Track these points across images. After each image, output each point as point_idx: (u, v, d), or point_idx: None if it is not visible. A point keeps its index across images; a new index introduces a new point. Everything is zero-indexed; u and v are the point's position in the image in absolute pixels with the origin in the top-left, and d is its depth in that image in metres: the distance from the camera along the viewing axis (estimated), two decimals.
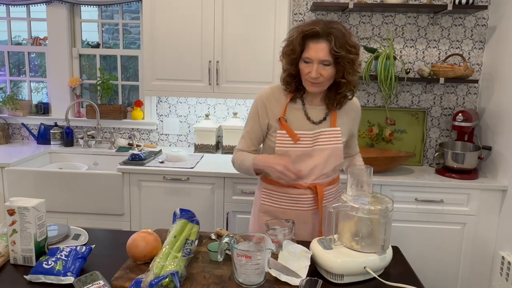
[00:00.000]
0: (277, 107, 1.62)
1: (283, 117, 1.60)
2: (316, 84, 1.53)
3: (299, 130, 1.59)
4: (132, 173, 2.53)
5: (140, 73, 3.16)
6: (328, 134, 1.60)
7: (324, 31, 1.46)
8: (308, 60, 1.49)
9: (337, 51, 1.45)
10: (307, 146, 1.59)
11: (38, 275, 1.18)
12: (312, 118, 1.62)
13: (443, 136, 2.90)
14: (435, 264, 2.52)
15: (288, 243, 1.32)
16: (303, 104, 1.63)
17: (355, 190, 1.31)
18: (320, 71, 1.48)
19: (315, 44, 1.47)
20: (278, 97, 1.64)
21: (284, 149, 1.58)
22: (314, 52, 1.47)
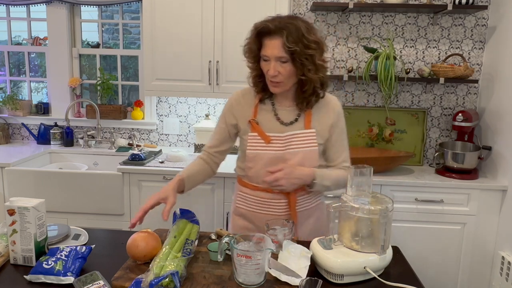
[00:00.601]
0: (247, 109, 1.57)
1: (254, 119, 1.55)
2: (276, 84, 1.47)
3: (270, 132, 1.53)
4: (132, 173, 2.53)
5: (140, 73, 3.16)
6: (302, 136, 1.53)
7: (277, 26, 1.39)
8: (266, 57, 1.44)
9: (290, 46, 1.38)
10: (279, 149, 1.52)
11: (38, 275, 1.18)
12: (282, 119, 1.55)
13: (443, 136, 2.90)
14: (435, 264, 2.52)
15: (288, 243, 1.32)
16: (273, 105, 1.57)
17: (355, 190, 1.31)
18: (278, 68, 1.42)
19: (270, 41, 1.42)
20: (248, 98, 1.59)
21: (255, 151, 1.53)
22: (270, 49, 1.42)
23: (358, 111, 2.87)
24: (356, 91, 2.89)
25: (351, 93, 2.89)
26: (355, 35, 2.83)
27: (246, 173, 1.59)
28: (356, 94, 2.89)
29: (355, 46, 2.84)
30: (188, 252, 1.26)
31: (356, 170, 1.31)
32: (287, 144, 1.52)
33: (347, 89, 2.89)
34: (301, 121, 1.55)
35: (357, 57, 2.85)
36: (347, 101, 2.90)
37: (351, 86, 2.88)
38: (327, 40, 2.84)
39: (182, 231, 1.34)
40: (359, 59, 2.86)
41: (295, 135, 1.53)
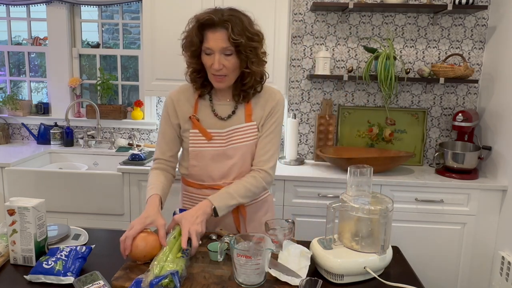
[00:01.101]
0: (187, 106, 1.55)
1: (195, 115, 1.53)
2: (221, 78, 1.45)
3: (210, 129, 1.52)
4: (132, 173, 2.53)
5: (140, 73, 3.16)
6: (243, 130, 1.51)
7: (221, 19, 1.37)
8: (209, 51, 1.41)
9: (236, 39, 1.36)
10: (221, 145, 1.52)
11: (38, 275, 1.18)
12: (219, 114, 1.53)
13: (443, 136, 2.90)
14: (435, 264, 2.52)
15: (288, 243, 1.32)
16: (210, 100, 1.55)
17: (355, 190, 1.31)
18: (223, 61, 1.40)
19: (213, 33, 1.39)
20: (188, 95, 1.57)
21: (197, 149, 1.52)
22: (213, 42, 1.39)
23: (358, 111, 2.87)
24: (356, 91, 2.89)
25: (351, 93, 2.89)
26: (355, 35, 2.83)
27: (190, 172, 1.58)
28: (356, 94, 2.89)
29: (355, 46, 2.84)
30: (187, 253, 1.26)
31: (356, 170, 1.31)
32: (228, 140, 1.52)
33: (347, 89, 2.89)
34: (240, 115, 1.54)
35: (357, 57, 2.85)
36: (347, 101, 2.90)
37: (351, 86, 2.88)
38: (327, 40, 2.84)
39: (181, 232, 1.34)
40: (359, 59, 2.86)
41: (236, 129, 1.52)
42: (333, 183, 2.46)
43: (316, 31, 2.83)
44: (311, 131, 2.95)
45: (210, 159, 1.53)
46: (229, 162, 1.53)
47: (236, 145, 1.52)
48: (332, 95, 2.90)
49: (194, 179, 1.59)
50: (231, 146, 1.52)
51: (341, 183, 2.45)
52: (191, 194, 1.63)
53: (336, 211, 1.28)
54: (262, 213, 1.67)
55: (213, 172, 1.55)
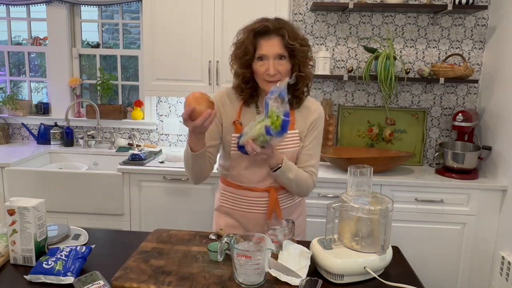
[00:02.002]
0: (232, 110, 1.59)
1: (238, 120, 1.56)
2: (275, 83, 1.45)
3: None
4: (132, 173, 2.53)
5: (140, 73, 3.16)
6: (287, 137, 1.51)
7: (275, 26, 1.45)
8: (263, 57, 1.46)
9: (292, 44, 1.44)
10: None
11: (38, 275, 1.18)
12: None
13: (443, 136, 2.90)
14: (435, 264, 2.52)
15: (288, 243, 1.32)
16: (257, 107, 1.59)
17: (355, 190, 1.31)
18: (277, 67, 1.45)
19: (268, 41, 1.45)
20: (233, 99, 1.60)
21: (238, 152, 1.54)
22: (268, 48, 1.45)
23: (358, 111, 2.87)
24: (356, 91, 2.89)
25: (351, 93, 2.89)
26: (355, 35, 2.83)
27: (230, 172, 1.62)
28: (356, 94, 2.89)
29: (355, 46, 2.84)
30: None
31: (356, 170, 1.31)
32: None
33: (347, 89, 2.89)
34: None
35: (357, 57, 2.85)
36: (347, 101, 2.90)
37: (351, 86, 2.88)
38: (327, 40, 2.84)
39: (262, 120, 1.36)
40: (359, 59, 2.86)
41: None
42: (333, 183, 2.46)
43: (316, 31, 2.83)
44: None
45: (250, 162, 1.56)
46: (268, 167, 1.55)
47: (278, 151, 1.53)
48: (332, 95, 2.90)
49: (233, 180, 1.63)
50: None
51: (341, 183, 2.45)
52: (229, 194, 1.66)
53: (336, 211, 1.28)
54: (296, 215, 1.69)
55: (252, 176, 1.58)
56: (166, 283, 1.16)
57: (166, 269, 1.24)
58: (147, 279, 1.18)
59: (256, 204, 1.60)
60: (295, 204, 1.69)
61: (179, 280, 1.18)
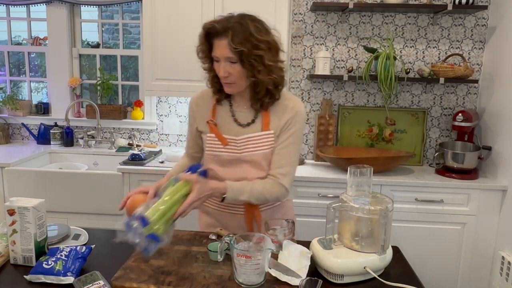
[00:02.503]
0: (206, 110, 1.55)
1: (212, 120, 1.53)
2: (229, 84, 1.44)
3: (227, 134, 1.51)
4: (132, 173, 2.53)
5: (140, 73, 3.16)
6: (258, 139, 1.49)
7: (223, 26, 1.36)
8: (216, 58, 1.41)
9: (236, 47, 1.34)
10: (236, 151, 1.51)
11: (38, 275, 1.18)
12: (239, 120, 1.52)
13: (443, 136, 2.90)
14: (435, 264, 2.52)
15: (288, 243, 1.32)
16: (230, 106, 1.54)
17: (355, 190, 1.31)
18: (227, 69, 1.39)
19: (218, 41, 1.38)
20: (208, 99, 1.57)
21: (214, 153, 1.53)
22: (218, 50, 1.38)
23: (358, 111, 2.87)
24: (356, 91, 2.89)
25: (351, 93, 2.89)
26: (355, 35, 2.83)
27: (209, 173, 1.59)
28: (356, 94, 2.89)
29: (355, 46, 2.84)
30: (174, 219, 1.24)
31: (356, 170, 1.31)
32: (243, 147, 1.50)
33: (347, 89, 2.89)
34: (259, 123, 1.51)
35: (357, 57, 2.85)
36: (347, 101, 2.90)
37: (351, 86, 2.88)
38: (327, 40, 2.84)
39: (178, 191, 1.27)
40: (359, 59, 2.86)
41: (251, 138, 1.50)
42: (333, 183, 2.46)
43: (316, 31, 2.83)
44: (311, 131, 2.95)
45: (226, 163, 1.53)
46: (245, 166, 1.53)
47: (252, 153, 1.50)
48: (332, 95, 2.90)
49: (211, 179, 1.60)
50: (247, 153, 1.51)
51: (341, 183, 2.45)
52: None
53: (336, 211, 1.28)
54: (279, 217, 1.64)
55: (228, 176, 1.53)
56: (166, 283, 1.16)
57: (166, 269, 1.24)
58: (147, 279, 1.18)
59: (234, 205, 1.56)
60: (276, 206, 1.63)
61: (179, 280, 1.18)
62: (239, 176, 1.53)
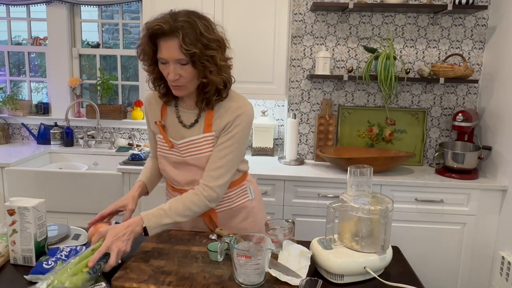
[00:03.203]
0: (156, 110, 1.51)
1: (160, 121, 1.49)
2: (179, 87, 1.37)
3: (173, 136, 1.48)
4: (132, 173, 2.53)
5: (140, 73, 3.16)
6: (199, 142, 1.44)
7: (172, 26, 1.27)
8: (163, 60, 1.32)
9: (188, 49, 1.27)
10: (179, 155, 1.48)
11: (38, 275, 1.18)
12: (184, 121, 1.48)
13: (443, 136, 2.90)
14: (435, 264, 2.52)
15: (288, 243, 1.32)
16: (176, 107, 1.50)
17: (355, 190, 1.31)
18: (178, 71, 1.32)
19: (166, 42, 1.29)
20: (157, 99, 1.51)
21: (163, 154, 1.51)
22: (166, 52, 1.29)
23: (358, 111, 2.87)
24: (356, 91, 2.89)
25: (351, 93, 2.89)
26: (355, 35, 2.83)
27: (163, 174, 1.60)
28: (356, 94, 2.89)
29: (355, 46, 2.84)
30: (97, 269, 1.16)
31: (356, 170, 1.31)
32: (185, 151, 1.47)
33: (347, 89, 2.89)
34: (201, 123, 1.46)
35: (357, 57, 2.85)
36: (347, 101, 2.90)
37: (351, 86, 2.88)
38: (327, 40, 2.84)
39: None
40: (359, 59, 2.86)
41: (191, 141, 1.45)
42: (333, 183, 2.46)
43: (316, 31, 2.83)
44: (311, 131, 2.95)
45: (175, 164, 1.51)
46: (192, 169, 1.49)
47: (195, 156, 1.46)
48: (332, 95, 2.90)
49: (168, 180, 1.60)
50: (190, 157, 1.47)
51: (341, 183, 2.45)
52: (169, 195, 1.63)
53: (336, 211, 1.28)
54: (239, 219, 1.60)
55: (178, 177, 1.52)
56: (166, 283, 1.16)
57: (166, 269, 1.24)
58: (147, 279, 1.18)
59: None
60: (236, 207, 1.58)
61: (179, 280, 1.18)
62: (188, 178, 1.50)
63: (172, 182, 1.57)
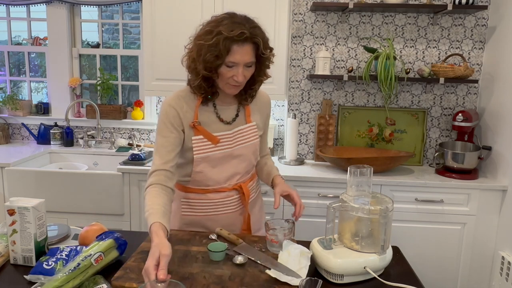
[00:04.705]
0: (189, 112, 1.50)
1: (196, 121, 1.50)
2: (237, 86, 1.46)
3: (216, 132, 1.51)
4: (132, 173, 2.53)
5: (140, 73, 3.16)
6: (246, 131, 1.57)
7: (251, 33, 1.37)
8: (231, 64, 1.38)
9: (265, 53, 1.42)
10: (228, 147, 1.52)
11: (38, 275, 1.18)
12: (224, 118, 1.54)
13: (443, 136, 2.90)
14: (435, 264, 2.52)
15: (288, 243, 1.32)
16: (214, 106, 1.54)
17: (355, 190, 1.31)
18: (244, 73, 1.42)
19: (241, 47, 1.37)
20: (188, 101, 1.51)
21: (203, 155, 1.50)
22: (240, 56, 1.37)
23: (358, 111, 2.87)
24: (356, 91, 2.89)
25: (351, 93, 2.89)
26: (355, 35, 2.83)
27: (194, 178, 1.54)
28: (356, 94, 2.89)
29: (355, 46, 2.84)
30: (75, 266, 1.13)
31: (356, 170, 1.31)
32: (235, 141, 1.55)
33: (347, 89, 2.89)
34: (241, 117, 1.58)
35: (357, 57, 2.85)
36: (347, 101, 2.90)
37: (351, 86, 2.88)
38: (327, 40, 2.84)
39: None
40: (359, 59, 2.86)
41: (240, 130, 1.56)
42: (333, 183, 2.46)
43: (316, 31, 2.83)
44: (311, 131, 2.95)
45: (216, 162, 1.53)
46: (235, 162, 1.56)
47: (242, 145, 1.56)
48: (332, 95, 2.90)
49: (197, 185, 1.56)
50: (238, 147, 1.55)
51: (341, 183, 2.45)
52: (192, 201, 1.58)
53: (336, 211, 1.28)
54: (257, 208, 1.73)
55: (219, 175, 1.55)
56: None
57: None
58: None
59: (225, 205, 1.58)
60: (256, 196, 1.72)
61: (179, 280, 1.18)
62: (230, 172, 1.56)
63: (206, 183, 1.55)
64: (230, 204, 1.59)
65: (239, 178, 1.59)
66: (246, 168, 1.60)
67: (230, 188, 1.57)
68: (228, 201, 1.58)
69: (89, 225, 1.44)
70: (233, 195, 1.59)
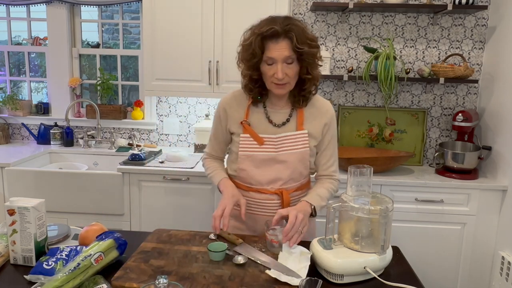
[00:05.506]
0: (239, 111, 1.57)
1: (246, 120, 1.55)
2: (282, 86, 1.47)
3: (262, 134, 1.54)
4: (132, 173, 2.53)
5: (140, 73, 3.16)
6: (294, 138, 1.54)
7: (283, 29, 1.40)
8: (271, 61, 1.43)
9: (300, 47, 1.40)
10: (272, 150, 1.54)
11: (38, 275, 1.18)
12: (274, 121, 1.56)
13: (443, 136, 2.90)
14: (435, 264, 2.52)
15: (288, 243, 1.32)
16: (264, 107, 1.58)
17: (355, 190, 1.31)
18: (285, 70, 1.43)
19: (276, 44, 1.41)
20: (240, 100, 1.59)
21: (248, 153, 1.54)
22: (276, 52, 1.41)
23: (358, 111, 2.87)
24: (356, 91, 2.89)
25: (351, 93, 2.89)
26: (355, 35, 2.83)
27: (238, 174, 1.60)
28: (356, 94, 2.89)
29: (355, 46, 2.84)
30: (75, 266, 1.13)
31: (356, 170, 1.31)
32: (280, 146, 1.54)
33: (347, 89, 2.89)
34: (293, 122, 1.56)
35: (357, 57, 2.85)
36: (347, 101, 2.90)
37: (351, 86, 2.88)
38: (327, 40, 2.84)
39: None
40: (359, 59, 2.86)
41: (287, 136, 1.54)
42: None
43: (316, 31, 2.83)
44: None
45: (260, 163, 1.55)
46: (279, 167, 1.55)
47: (287, 152, 1.54)
48: (332, 95, 2.90)
49: (241, 181, 1.61)
50: (283, 152, 1.54)
51: (341, 183, 2.44)
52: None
53: (336, 211, 1.28)
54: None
55: (261, 177, 1.56)
56: None
57: (166, 269, 1.24)
58: (147, 279, 1.18)
59: (266, 207, 1.58)
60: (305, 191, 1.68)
61: (179, 280, 1.18)
62: (273, 176, 1.56)
63: (249, 181, 1.58)
64: (270, 207, 1.58)
65: (282, 184, 1.57)
66: (290, 175, 1.56)
67: (272, 191, 1.57)
68: (267, 204, 1.58)
69: (89, 225, 1.43)
70: (274, 199, 1.57)
